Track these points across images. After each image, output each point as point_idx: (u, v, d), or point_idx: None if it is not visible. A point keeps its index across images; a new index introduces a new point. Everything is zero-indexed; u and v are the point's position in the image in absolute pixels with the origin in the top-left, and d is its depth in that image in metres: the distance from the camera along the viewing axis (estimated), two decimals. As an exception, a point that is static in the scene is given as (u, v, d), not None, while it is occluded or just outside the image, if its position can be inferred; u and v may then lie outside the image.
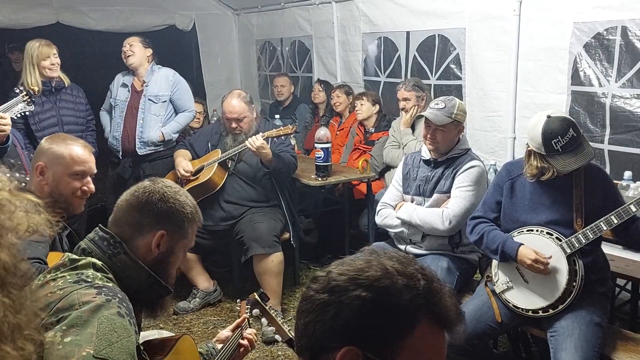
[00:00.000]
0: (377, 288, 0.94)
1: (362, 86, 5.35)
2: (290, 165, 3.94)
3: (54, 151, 2.18)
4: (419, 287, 0.95)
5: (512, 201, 2.69)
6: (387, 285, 0.94)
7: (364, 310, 0.92)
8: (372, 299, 0.93)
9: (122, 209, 1.62)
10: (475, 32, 4.19)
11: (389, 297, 0.93)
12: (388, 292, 0.93)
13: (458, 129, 3.12)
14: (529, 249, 2.53)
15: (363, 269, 0.96)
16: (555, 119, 2.45)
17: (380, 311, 0.92)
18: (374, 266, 0.97)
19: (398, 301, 0.93)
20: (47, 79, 4.11)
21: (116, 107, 4.54)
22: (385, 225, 3.31)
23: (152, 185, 1.63)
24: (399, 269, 0.96)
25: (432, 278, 0.98)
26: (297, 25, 6.05)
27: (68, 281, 1.44)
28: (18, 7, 5.58)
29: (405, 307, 0.93)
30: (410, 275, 0.96)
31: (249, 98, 4.01)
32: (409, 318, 0.93)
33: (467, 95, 4.34)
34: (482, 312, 2.68)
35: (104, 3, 6.05)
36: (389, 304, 0.93)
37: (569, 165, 2.42)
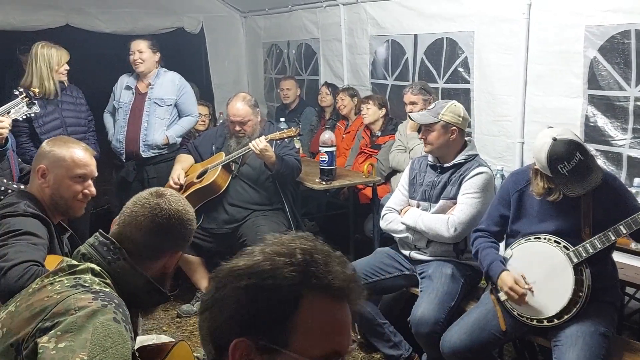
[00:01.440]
0: (254, 274, 0.93)
1: (369, 89, 5.31)
2: (294, 169, 3.91)
3: (55, 154, 2.17)
4: (296, 262, 0.93)
5: (519, 213, 2.65)
6: (264, 268, 0.93)
7: (244, 298, 0.91)
8: (250, 285, 0.92)
9: (141, 232, 1.59)
10: (483, 35, 4.14)
11: (267, 280, 0.92)
12: (265, 274, 0.92)
13: (449, 131, 3.06)
14: (510, 275, 2.55)
15: (240, 260, 0.96)
16: (561, 143, 2.38)
17: (261, 295, 0.91)
18: (254, 254, 0.96)
19: (275, 281, 0.91)
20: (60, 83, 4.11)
21: (119, 109, 4.52)
22: (390, 230, 3.27)
23: (168, 207, 1.61)
24: (278, 250, 0.95)
25: (313, 250, 0.96)
26: (304, 28, 6.03)
27: (65, 285, 1.43)
28: (28, 9, 5.62)
29: (284, 285, 0.91)
30: (289, 253, 0.94)
31: (254, 101, 4.00)
32: (290, 295, 0.91)
33: (475, 99, 4.29)
34: (486, 321, 2.63)
35: (112, 5, 6.06)
36: (268, 286, 0.91)
37: (575, 190, 2.37)
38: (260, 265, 0.93)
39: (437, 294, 2.89)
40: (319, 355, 0.91)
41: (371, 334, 3.29)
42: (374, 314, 3.22)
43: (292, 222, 4.00)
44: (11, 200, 2.09)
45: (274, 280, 0.91)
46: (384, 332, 3.23)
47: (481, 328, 2.62)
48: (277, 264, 0.93)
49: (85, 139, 4.17)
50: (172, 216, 1.61)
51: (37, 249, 1.90)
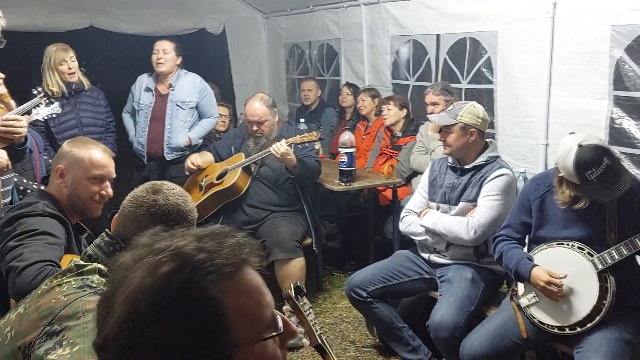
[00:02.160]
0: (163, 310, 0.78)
1: (390, 89, 5.26)
2: (314, 171, 3.90)
3: (74, 154, 2.18)
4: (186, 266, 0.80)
5: (542, 220, 2.59)
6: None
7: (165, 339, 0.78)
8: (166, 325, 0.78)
9: (140, 230, 1.54)
10: (507, 35, 4.07)
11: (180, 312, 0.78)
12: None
13: (468, 133, 3.01)
14: (542, 270, 2.45)
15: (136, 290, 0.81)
16: (587, 148, 2.31)
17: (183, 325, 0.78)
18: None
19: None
20: (66, 82, 4.18)
21: (140, 111, 4.55)
22: (409, 233, 3.23)
23: (165, 202, 1.59)
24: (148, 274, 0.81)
25: (190, 252, 0.81)
26: (325, 29, 6.01)
27: (73, 287, 1.42)
28: (53, 11, 5.71)
29: (204, 303, 0.79)
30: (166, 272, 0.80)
31: (272, 102, 4.00)
32: (211, 309, 0.79)
33: (498, 99, 4.22)
34: (507, 328, 2.57)
35: (136, 7, 6.12)
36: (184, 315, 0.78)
37: (605, 196, 2.30)
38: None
39: (456, 298, 2.84)
40: (263, 329, 0.84)
41: (389, 337, 3.26)
42: (393, 317, 3.18)
43: (311, 223, 3.98)
44: (30, 200, 2.10)
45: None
46: (403, 336, 3.19)
47: (502, 335, 2.57)
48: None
49: (102, 139, 4.23)
50: (171, 211, 1.58)
51: (53, 249, 1.90)
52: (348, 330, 3.81)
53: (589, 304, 2.35)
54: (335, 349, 3.58)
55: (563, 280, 2.43)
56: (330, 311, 4.08)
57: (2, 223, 1.98)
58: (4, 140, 2.58)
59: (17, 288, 1.75)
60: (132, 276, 0.81)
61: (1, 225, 1.98)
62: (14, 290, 1.77)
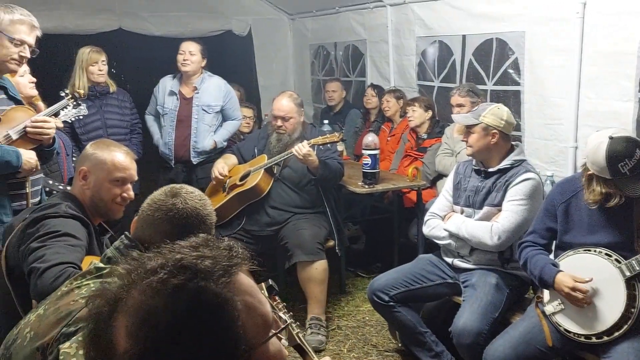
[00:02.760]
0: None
1: (416, 91, 5.22)
2: (336, 172, 3.88)
3: (97, 157, 2.21)
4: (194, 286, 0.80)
5: (567, 225, 2.53)
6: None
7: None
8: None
9: (159, 234, 1.58)
10: (535, 35, 3.99)
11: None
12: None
13: (490, 134, 2.95)
14: (567, 276, 2.38)
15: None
16: (619, 140, 2.25)
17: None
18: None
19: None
20: (93, 84, 4.26)
21: (165, 115, 4.58)
22: (432, 236, 3.19)
23: (184, 206, 1.59)
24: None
25: (194, 261, 0.82)
26: (351, 30, 5.99)
27: (91, 289, 1.43)
28: (83, 13, 5.80)
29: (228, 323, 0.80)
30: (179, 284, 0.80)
31: (300, 101, 4.00)
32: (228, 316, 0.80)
33: (525, 101, 4.14)
34: (532, 335, 2.52)
35: (163, 9, 6.18)
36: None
37: (639, 189, 2.23)
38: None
39: (480, 304, 2.80)
40: (270, 326, 0.86)
41: (412, 342, 3.22)
42: (415, 322, 3.14)
43: (334, 225, 3.96)
44: (53, 202, 2.13)
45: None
46: (425, 341, 3.15)
47: (527, 342, 2.52)
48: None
49: (126, 141, 4.30)
50: (189, 215, 1.58)
51: (74, 251, 1.93)
52: (370, 334, 3.79)
53: (616, 312, 2.28)
54: (357, 353, 3.56)
55: (589, 287, 2.37)
56: (353, 314, 4.06)
57: (26, 224, 2.01)
58: (33, 141, 2.65)
59: (39, 289, 1.78)
60: (129, 305, 0.79)
61: (25, 226, 2.01)
62: (35, 291, 1.80)
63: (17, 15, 2.54)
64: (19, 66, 2.67)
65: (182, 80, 4.59)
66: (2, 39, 2.51)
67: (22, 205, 2.60)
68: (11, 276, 1.97)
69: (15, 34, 2.52)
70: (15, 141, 2.57)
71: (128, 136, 4.45)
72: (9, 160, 2.47)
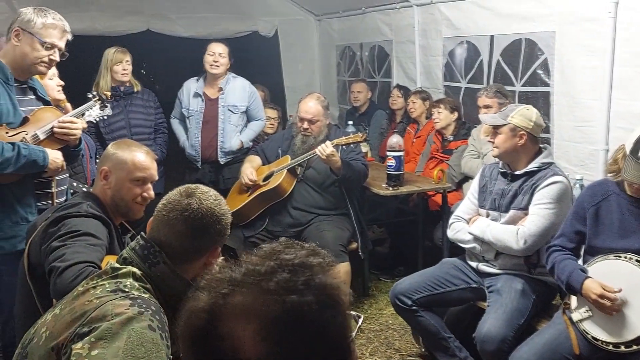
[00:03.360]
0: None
1: (442, 92, 5.15)
2: (360, 173, 3.84)
3: (117, 156, 2.22)
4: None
5: (597, 229, 2.45)
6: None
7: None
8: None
9: (176, 236, 1.58)
10: (565, 35, 3.90)
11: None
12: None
13: (517, 135, 2.88)
14: (595, 282, 2.31)
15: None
16: None
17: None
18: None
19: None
20: (117, 83, 4.31)
21: (191, 117, 4.59)
22: (457, 240, 3.13)
23: (199, 206, 1.58)
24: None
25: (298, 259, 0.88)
26: (377, 30, 5.95)
27: (106, 290, 1.44)
28: (112, 15, 5.88)
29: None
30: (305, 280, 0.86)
31: (326, 103, 3.99)
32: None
33: (555, 103, 4.05)
34: (558, 343, 2.45)
35: (191, 11, 6.23)
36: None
37: None
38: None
39: (505, 310, 2.73)
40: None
41: (435, 347, 3.17)
42: (438, 326, 3.09)
43: (357, 227, 3.93)
44: (75, 201, 2.15)
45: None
46: (449, 347, 3.09)
47: (553, 350, 2.45)
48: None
49: (150, 140, 4.33)
50: (205, 215, 1.58)
51: (94, 250, 1.93)
52: (394, 338, 3.74)
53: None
54: (379, 356, 3.52)
55: (619, 295, 2.29)
56: (376, 317, 4.02)
57: (48, 223, 2.03)
58: (60, 141, 2.70)
59: (58, 288, 1.79)
60: (253, 309, 0.81)
61: (47, 225, 2.03)
62: (55, 290, 1.81)
63: (49, 19, 2.59)
64: (48, 69, 2.72)
65: (206, 81, 4.61)
66: (33, 41, 2.57)
67: (48, 205, 2.65)
68: (33, 275, 1.99)
69: (46, 38, 2.58)
70: (42, 141, 2.61)
71: (152, 136, 4.48)
72: (35, 159, 2.52)
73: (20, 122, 2.60)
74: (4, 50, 2.64)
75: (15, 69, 2.60)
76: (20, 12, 2.61)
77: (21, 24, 2.57)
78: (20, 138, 2.54)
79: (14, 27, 2.58)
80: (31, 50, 2.57)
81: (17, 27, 2.57)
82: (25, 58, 2.58)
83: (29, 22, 2.56)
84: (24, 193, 2.60)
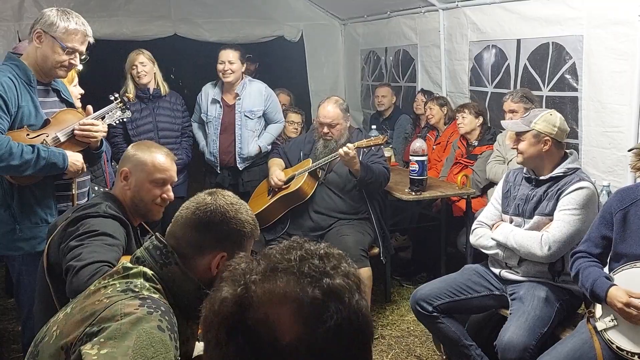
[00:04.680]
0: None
1: (467, 96, 5.09)
2: (379, 177, 3.81)
3: (138, 158, 2.24)
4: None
5: (624, 234, 2.38)
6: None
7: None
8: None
9: (181, 225, 1.59)
10: (594, 39, 3.82)
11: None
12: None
13: (542, 141, 2.82)
14: (621, 290, 2.23)
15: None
16: None
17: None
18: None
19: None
20: (141, 86, 4.32)
21: (209, 123, 4.59)
22: (480, 246, 3.08)
23: (213, 202, 1.59)
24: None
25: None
26: (402, 34, 5.91)
27: (117, 289, 1.44)
28: (139, 20, 5.97)
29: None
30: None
31: (345, 106, 3.97)
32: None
33: (583, 108, 3.97)
34: (582, 352, 2.37)
35: (217, 15, 6.29)
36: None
37: None
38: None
39: (527, 318, 2.67)
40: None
41: (456, 354, 3.12)
42: (460, 334, 3.04)
43: (379, 232, 3.90)
44: (94, 202, 2.17)
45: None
46: (470, 355, 3.04)
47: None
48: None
49: (177, 144, 4.36)
50: (214, 211, 1.57)
51: (111, 250, 1.95)
52: (414, 345, 3.70)
53: (675, 332, 2.13)
54: (399, 363, 3.48)
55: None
56: (397, 323, 3.98)
57: (67, 223, 2.06)
58: (81, 143, 2.70)
59: (74, 287, 1.80)
60: (288, 294, 0.85)
61: (66, 224, 2.05)
62: (71, 289, 1.82)
63: (72, 24, 2.59)
64: (67, 72, 2.72)
65: (223, 87, 4.60)
66: (55, 45, 2.57)
67: (68, 207, 2.65)
68: (51, 273, 2.02)
69: (68, 42, 2.58)
70: (63, 143, 2.62)
71: (179, 139, 4.50)
72: (55, 162, 2.52)
73: (42, 124, 2.61)
74: (27, 52, 2.65)
75: (37, 71, 2.62)
76: (43, 13, 2.60)
77: (44, 27, 2.56)
78: (41, 140, 2.56)
79: (37, 28, 2.57)
80: (52, 54, 2.57)
81: (39, 29, 2.57)
82: (47, 60, 2.59)
83: (51, 26, 2.55)
84: (44, 195, 2.62)
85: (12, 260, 2.72)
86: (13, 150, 2.41)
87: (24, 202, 2.58)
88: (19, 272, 2.68)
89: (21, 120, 2.55)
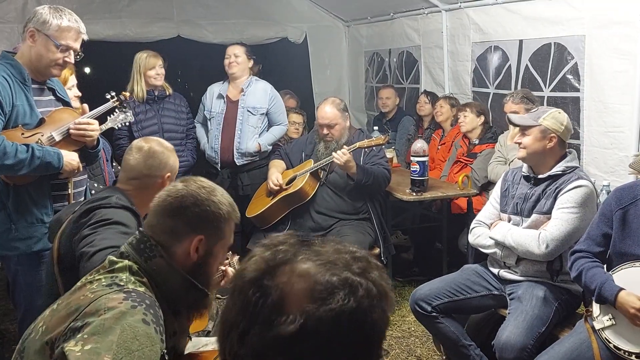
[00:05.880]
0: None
1: (470, 97, 5.09)
2: (378, 178, 3.81)
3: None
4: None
5: (623, 233, 2.36)
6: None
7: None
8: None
9: (155, 214, 1.59)
10: (595, 39, 3.81)
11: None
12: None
13: (547, 138, 2.81)
14: (632, 295, 2.20)
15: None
16: None
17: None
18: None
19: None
20: (151, 87, 4.32)
21: (212, 119, 4.62)
22: (478, 245, 3.07)
23: (184, 188, 1.59)
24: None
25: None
26: (405, 36, 5.92)
27: (102, 284, 1.44)
28: (143, 21, 5.99)
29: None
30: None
31: (343, 106, 3.98)
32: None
33: (585, 108, 3.96)
34: (579, 352, 2.36)
35: (220, 17, 6.31)
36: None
37: None
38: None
39: (525, 317, 2.66)
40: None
41: (455, 355, 3.11)
42: (459, 334, 3.03)
43: (379, 232, 3.89)
44: (105, 194, 2.18)
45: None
46: (470, 355, 3.03)
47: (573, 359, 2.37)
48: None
49: (182, 145, 4.36)
50: (185, 195, 1.57)
51: (123, 238, 1.93)
52: (415, 345, 3.69)
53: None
54: (399, 363, 3.47)
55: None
56: (398, 324, 3.97)
57: (79, 215, 2.06)
58: (77, 143, 2.68)
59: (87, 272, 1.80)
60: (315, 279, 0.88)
61: (78, 216, 2.06)
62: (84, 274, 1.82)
63: (65, 21, 2.56)
64: (62, 70, 2.70)
65: (229, 84, 4.63)
66: (48, 44, 2.55)
67: (64, 206, 2.60)
68: (60, 265, 2.02)
69: (62, 40, 2.56)
70: (58, 142, 2.60)
71: (184, 141, 4.50)
72: (50, 161, 2.50)
73: (37, 123, 2.59)
74: (20, 51, 2.63)
75: (31, 70, 2.59)
76: (35, 12, 2.57)
77: (37, 25, 2.54)
78: (36, 139, 2.53)
79: (29, 27, 2.55)
80: (46, 52, 2.55)
81: (32, 27, 2.54)
82: (41, 59, 2.57)
83: (44, 24, 2.53)
84: (40, 194, 2.60)
85: (8, 261, 2.70)
86: (7, 150, 2.39)
87: (19, 201, 2.56)
88: (15, 272, 2.66)
89: (16, 119, 2.52)
